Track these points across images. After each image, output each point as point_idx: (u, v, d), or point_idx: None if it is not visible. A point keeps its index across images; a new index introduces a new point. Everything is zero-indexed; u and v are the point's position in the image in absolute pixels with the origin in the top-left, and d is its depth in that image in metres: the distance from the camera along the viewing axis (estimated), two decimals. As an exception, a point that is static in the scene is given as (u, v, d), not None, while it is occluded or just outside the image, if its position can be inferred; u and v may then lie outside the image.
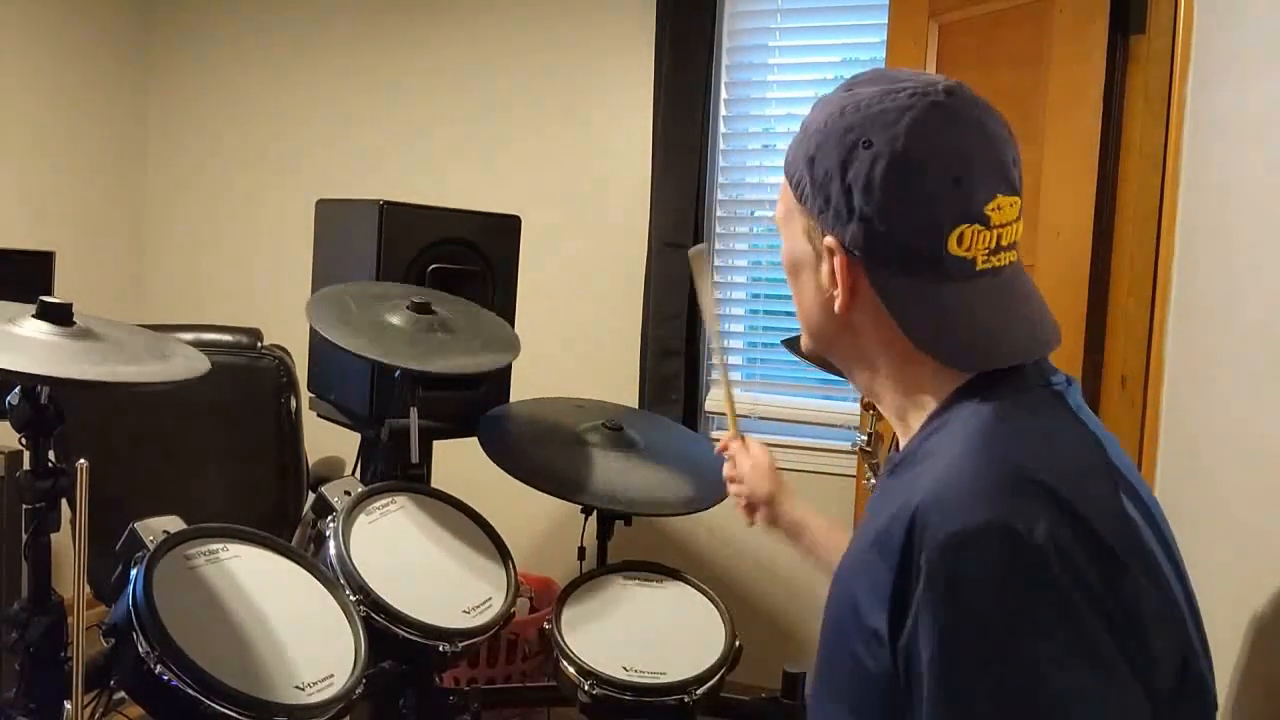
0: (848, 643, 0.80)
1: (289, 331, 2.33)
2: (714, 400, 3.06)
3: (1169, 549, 0.82)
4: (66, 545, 1.29)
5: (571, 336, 3.16)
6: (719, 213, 3.05)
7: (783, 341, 1.77)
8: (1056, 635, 0.70)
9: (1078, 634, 0.70)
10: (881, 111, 0.83)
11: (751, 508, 1.48)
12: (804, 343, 0.98)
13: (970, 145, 0.83)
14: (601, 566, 1.98)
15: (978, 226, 0.81)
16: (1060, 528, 0.72)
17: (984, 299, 0.84)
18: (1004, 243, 0.83)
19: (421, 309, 1.88)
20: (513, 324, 2.22)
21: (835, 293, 0.87)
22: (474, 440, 2.02)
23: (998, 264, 0.83)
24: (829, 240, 0.86)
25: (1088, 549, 0.72)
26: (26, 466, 1.35)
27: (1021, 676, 0.70)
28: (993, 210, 0.82)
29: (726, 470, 1.52)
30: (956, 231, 0.81)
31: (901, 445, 0.92)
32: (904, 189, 0.81)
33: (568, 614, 1.75)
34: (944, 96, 0.83)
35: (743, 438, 1.54)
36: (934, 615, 0.72)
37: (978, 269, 0.83)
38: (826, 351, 0.96)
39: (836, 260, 0.86)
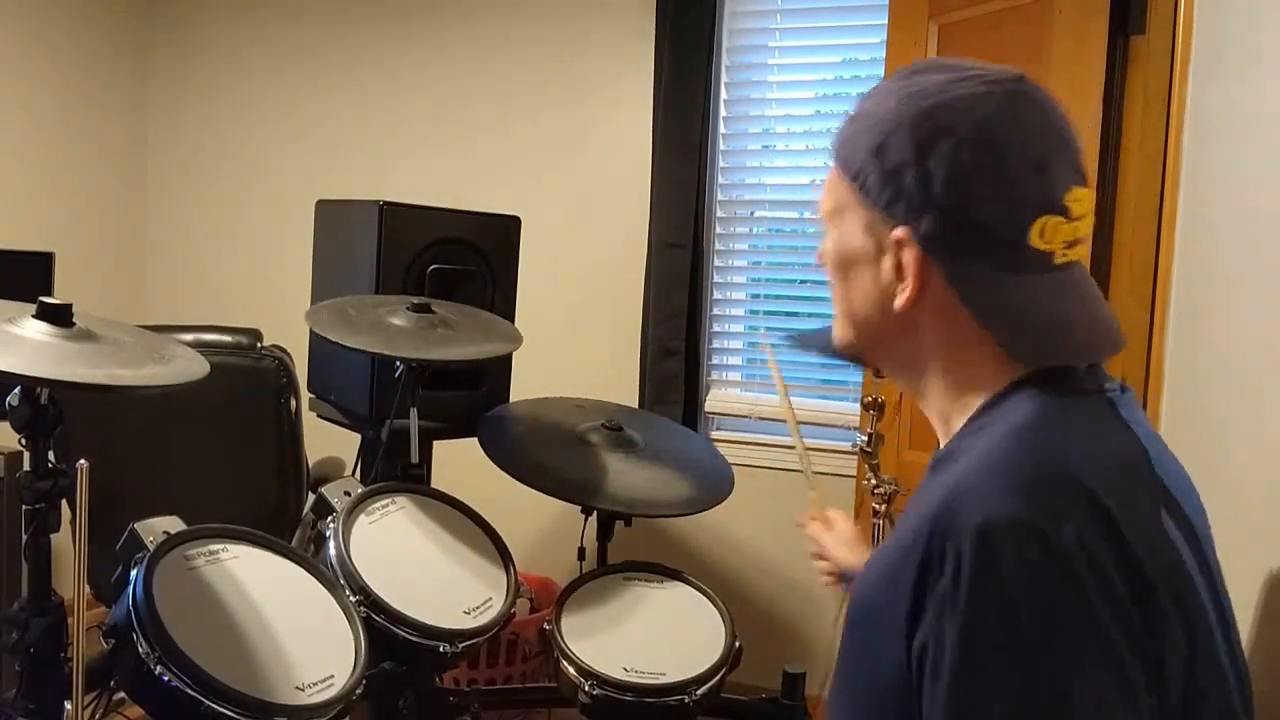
0: (866, 639, 0.80)
1: (289, 331, 2.33)
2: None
3: (1208, 572, 0.80)
4: (66, 545, 1.29)
5: (571, 336, 3.16)
6: (719, 213, 3.05)
7: (788, 337, 1.77)
8: (1074, 635, 0.69)
9: (1095, 636, 0.69)
10: (957, 98, 0.80)
11: (838, 577, 1.43)
12: (842, 338, 0.94)
13: (1048, 133, 0.81)
14: (601, 567, 1.98)
15: (1059, 219, 0.80)
16: (1091, 530, 0.70)
17: (1058, 293, 0.82)
18: (1080, 236, 0.82)
19: (421, 309, 1.88)
20: (513, 324, 2.22)
21: (900, 288, 0.84)
22: (474, 440, 2.02)
23: (1071, 258, 0.82)
24: (899, 233, 0.82)
25: (1116, 556, 0.71)
26: (26, 467, 1.35)
27: (1036, 673, 0.69)
28: (1072, 201, 0.80)
29: (811, 550, 1.47)
30: (1039, 223, 0.79)
31: (942, 445, 0.90)
32: (988, 176, 0.79)
33: (568, 615, 1.75)
34: (1018, 84, 0.81)
35: (826, 514, 1.49)
36: (954, 606, 0.70)
37: (1054, 262, 0.81)
38: (872, 349, 0.92)
39: (906, 253, 0.82)
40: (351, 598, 1.49)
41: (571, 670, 1.64)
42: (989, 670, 0.70)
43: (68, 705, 1.31)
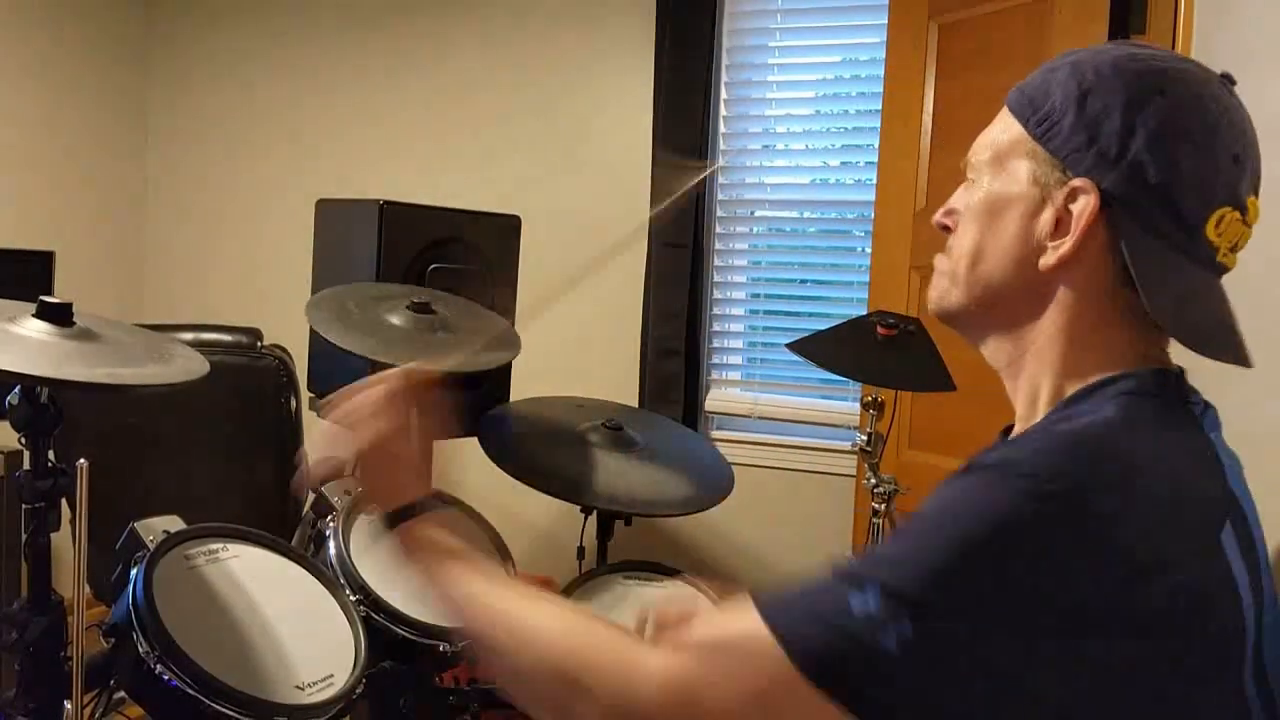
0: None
1: (289, 331, 2.33)
2: (716, 402, 3.06)
3: (1259, 594, 0.75)
4: (66, 545, 1.29)
5: (571, 336, 3.15)
6: (719, 213, 3.05)
7: (788, 345, 1.77)
8: (1025, 586, 0.66)
9: (1042, 603, 0.66)
10: (1179, 69, 0.79)
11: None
12: (949, 297, 0.88)
13: (1246, 131, 0.80)
14: (601, 566, 1.98)
15: (1236, 215, 0.78)
16: (1131, 512, 0.68)
17: (1209, 291, 0.80)
18: (1241, 244, 0.80)
19: (421, 309, 1.88)
20: (512, 324, 2.21)
21: (1054, 243, 0.79)
22: (474, 440, 2.02)
23: (1228, 264, 0.81)
24: (1078, 182, 0.78)
25: (1141, 547, 0.68)
26: (26, 466, 1.35)
27: (970, 574, 0.67)
28: (1251, 204, 0.79)
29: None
30: (1219, 212, 0.77)
31: (1019, 428, 0.87)
32: (1195, 146, 0.76)
33: (568, 614, 1.75)
34: (1228, 81, 0.81)
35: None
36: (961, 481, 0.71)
37: (1217, 260, 0.79)
38: (981, 308, 0.86)
39: (1080, 203, 0.78)
40: (351, 597, 1.49)
41: (571, 670, 1.63)
42: (927, 523, 0.70)
43: (67, 705, 1.31)
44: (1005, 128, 0.84)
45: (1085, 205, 0.78)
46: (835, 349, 1.93)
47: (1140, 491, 0.70)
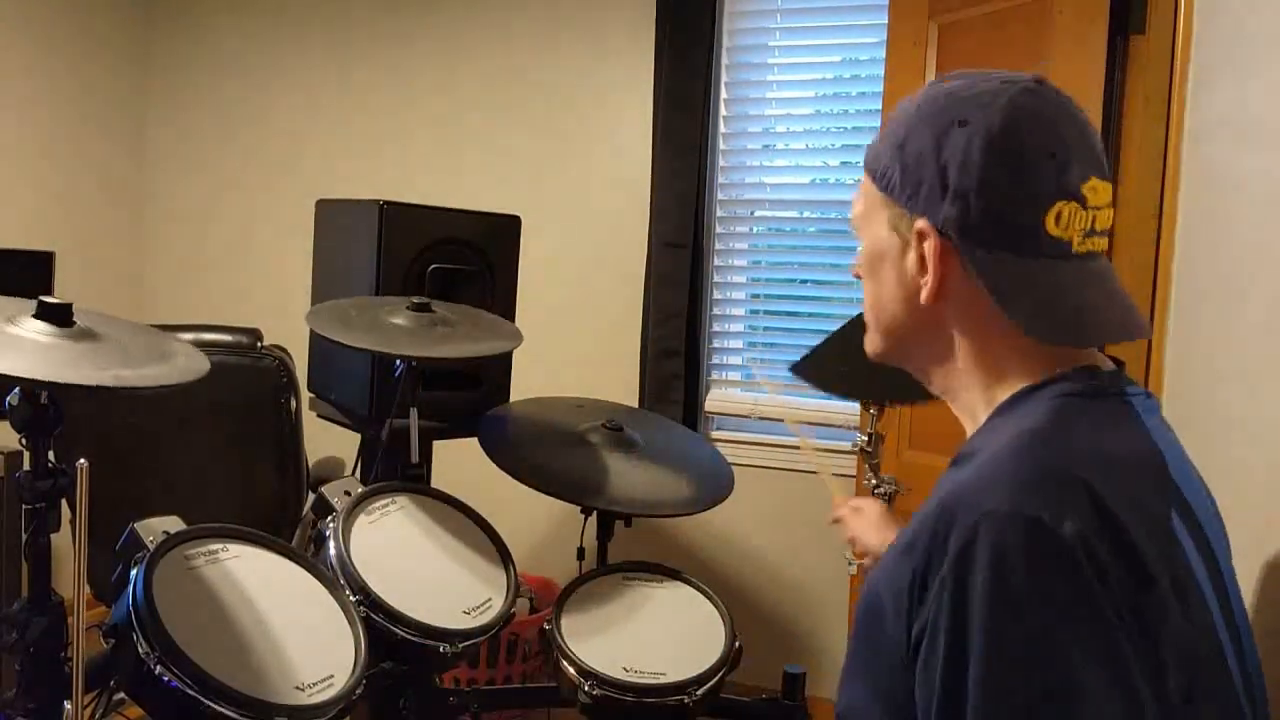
0: (870, 629, 0.81)
1: (289, 331, 2.33)
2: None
3: (1218, 578, 0.81)
4: (66, 545, 1.29)
5: (571, 336, 3.16)
6: (719, 213, 3.05)
7: (790, 368, 1.75)
8: (1073, 627, 0.69)
9: (1094, 628, 0.69)
10: (976, 94, 0.84)
11: (875, 559, 1.46)
12: (874, 344, 0.96)
13: (1064, 125, 0.83)
14: (601, 567, 1.97)
15: (1075, 205, 0.81)
16: (1090, 527, 0.71)
17: (1079, 280, 0.83)
18: (1098, 227, 0.84)
19: (421, 308, 1.88)
20: (513, 323, 2.21)
21: (924, 280, 0.86)
22: (474, 440, 2.02)
23: (1093, 249, 0.84)
24: (920, 224, 0.85)
25: (1115, 551, 0.71)
26: (26, 467, 1.35)
27: (1034, 664, 0.69)
28: (1089, 190, 0.82)
29: (846, 538, 1.51)
30: (1055, 209, 0.81)
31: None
32: (1003, 161, 0.81)
33: (567, 615, 1.75)
34: (1035, 84, 0.84)
35: (851, 501, 1.53)
36: (953, 596, 0.71)
37: (1074, 251, 0.83)
38: (901, 348, 0.94)
39: (928, 244, 0.84)
40: (351, 597, 1.49)
41: (571, 670, 1.64)
42: (987, 660, 0.70)
43: (67, 705, 1.30)
44: (866, 186, 0.92)
45: (930, 243, 0.85)
46: (836, 365, 1.91)
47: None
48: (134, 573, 1.31)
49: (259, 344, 2.25)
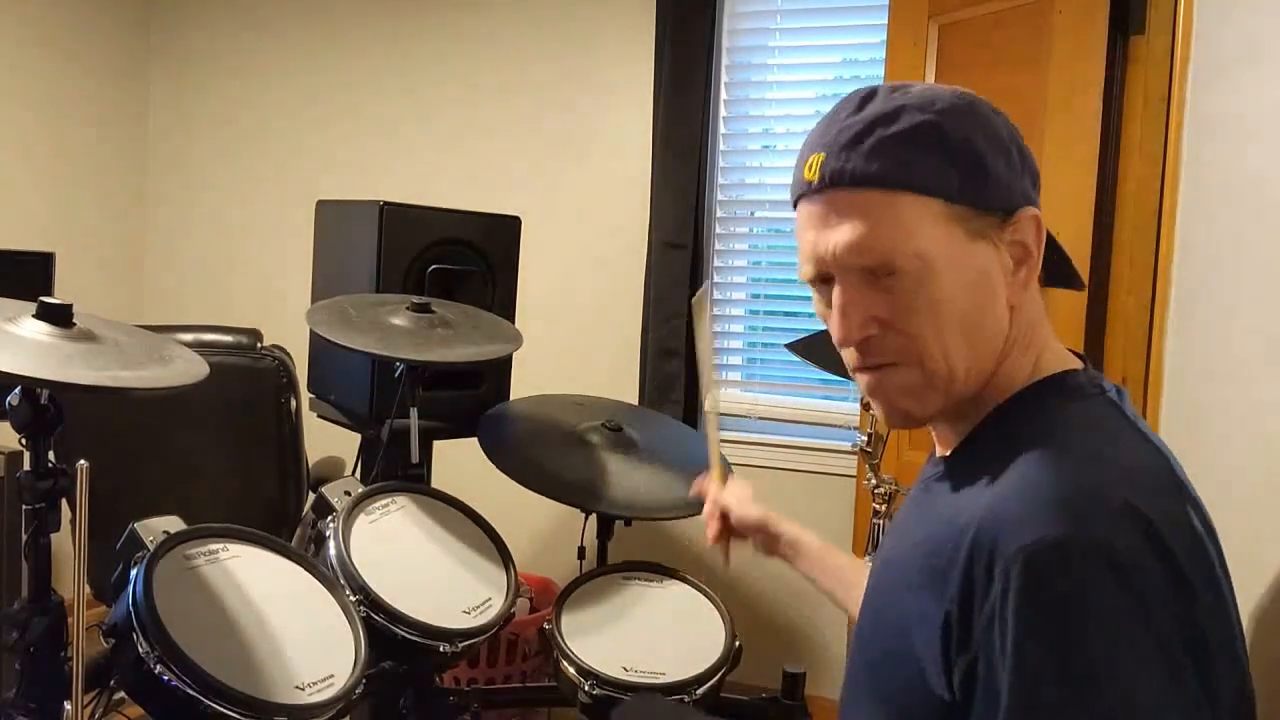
0: (893, 649, 0.80)
1: (289, 331, 2.33)
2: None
3: (1224, 565, 0.80)
4: (66, 545, 1.29)
5: (571, 336, 3.16)
6: (719, 213, 3.05)
7: (787, 345, 1.76)
8: (1138, 649, 0.68)
9: (1158, 647, 0.68)
10: (954, 94, 0.86)
11: (725, 534, 1.41)
12: (932, 403, 0.85)
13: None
14: (601, 566, 1.98)
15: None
16: (1137, 542, 0.70)
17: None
18: None
19: (421, 309, 1.88)
20: (513, 324, 2.22)
21: (1021, 271, 0.85)
22: (474, 440, 2.02)
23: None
24: (1028, 212, 0.84)
25: (1164, 567, 0.70)
26: (26, 467, 1.35)
27: (1100, 690, 0.68)
28: None
29: (706, 510, 1.45)
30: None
31: (944, 451, 0.91)
32: (1014, 135, 0.86)
33: (567, 614, 1.75)
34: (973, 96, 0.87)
35: (722, 481, 1.47)
36: (1008, 625, 0.70)
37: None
38: (984, 381, 0.85)
39: (1029, 227, 0.84)
40: (351, 597, 1.49)
41: (571, 670, 1.64)
42: (1053, 689, 0.69)
43: (67, 705, 1.30)
44: (890, 218, 0.80)
45: (1030, 224, 0.84)
46: (834, 349, 1.92)
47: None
48: (134, 572, 1.31)
49: (259, 344, 2.25)
